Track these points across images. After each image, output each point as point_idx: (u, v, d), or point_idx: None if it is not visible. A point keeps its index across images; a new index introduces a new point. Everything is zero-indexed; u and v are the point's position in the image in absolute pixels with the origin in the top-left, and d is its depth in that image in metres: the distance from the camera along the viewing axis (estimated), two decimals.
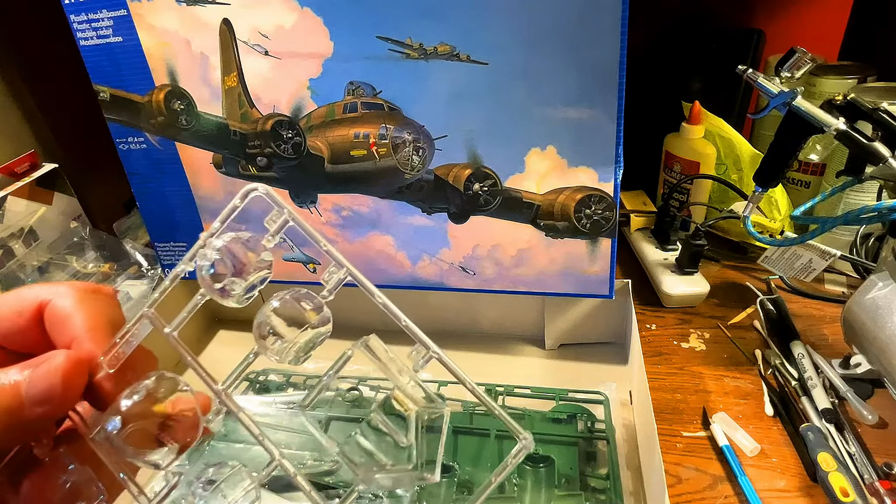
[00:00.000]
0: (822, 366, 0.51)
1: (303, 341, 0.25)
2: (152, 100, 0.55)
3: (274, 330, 0.24)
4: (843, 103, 0.47)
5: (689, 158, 0.69)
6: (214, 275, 0.24)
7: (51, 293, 0.25)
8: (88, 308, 0.25)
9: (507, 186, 0.53)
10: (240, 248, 0.25)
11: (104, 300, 0.26)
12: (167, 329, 0.26)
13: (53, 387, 0.22)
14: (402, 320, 0.24)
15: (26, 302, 0.24)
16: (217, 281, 0.24)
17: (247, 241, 0.25)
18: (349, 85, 0.51)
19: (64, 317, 0.24)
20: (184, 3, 0.51)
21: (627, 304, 0.58)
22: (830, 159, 0.67)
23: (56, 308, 0.24)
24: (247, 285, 0.25)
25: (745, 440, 0.47)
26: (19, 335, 0.24)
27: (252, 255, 0.25)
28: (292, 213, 0.25)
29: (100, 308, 0.25)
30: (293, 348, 0.25)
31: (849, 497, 0.39)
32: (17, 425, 0.22)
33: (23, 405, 0.22)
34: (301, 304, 0.25)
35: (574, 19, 0.45)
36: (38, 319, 0.24)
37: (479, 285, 0.58)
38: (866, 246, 0.63)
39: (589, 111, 0.48)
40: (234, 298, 0.25)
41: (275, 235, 0.25)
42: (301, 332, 0.25)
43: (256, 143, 0.56)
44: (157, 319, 0.26)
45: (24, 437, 0.23)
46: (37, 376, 0.22)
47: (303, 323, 0.25)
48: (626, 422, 0.53)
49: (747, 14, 0.79)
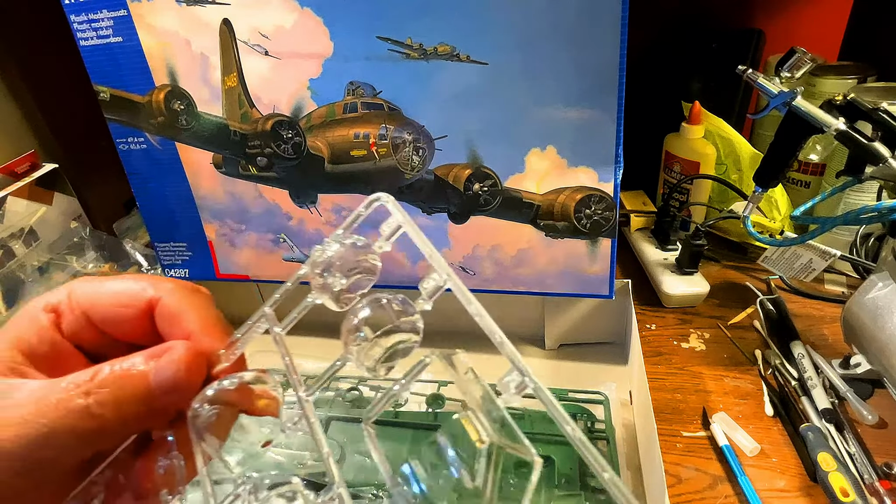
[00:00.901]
0: (822, 366, 0.51)
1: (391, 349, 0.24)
2: (152, 100, 0.55)
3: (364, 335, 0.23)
4: (843, 103, 0.47)
5: (689, 158, 0.69)
6: (326, 278, 0.24)
7: (160, 290, 0.25)
8: (199, 306, 0.26)
9: (507, 186, 0.53)
10: (352, 253, 0.25)
11: (207, 299, 0.27)
12: (277, 329, 0.26)
13: (179, 376, 0.23)
14: (496, 335, 0.22)
15: (135, 295, 0.25)
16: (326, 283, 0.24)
17: (360, 247, 0.25)
18: (349, 85, 0.51)
19: (177, 313, 0.25)
20: (184, 3, 0.51)
21: (627, 304, 0.58)
22: (830, 159, 0.67)
23: (169, 305, 0.25)
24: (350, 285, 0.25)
25: (745, 440, 0.47)
26: (125, 325, 0.25)
27: (363, 259, 0.25)
28: (407, 221, 0.25)
29: (207, 306, 0.26)
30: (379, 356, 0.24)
31: (849, 497, 0.39)
32: (147, 413, 0.23)
33: (153, 394, 0.22)
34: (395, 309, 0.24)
35: (574, 19, 0.45)
36: (147, 313, 0.25)
37: (479, 285, 0.58)
38: (866, 246, 0.63)
39: (589, 111, 0.48)
40: (341, 301, 0.25)
41: (388, 240, 0.25)
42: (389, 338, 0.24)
43: (256, 143, 0.55)
44: (273, 318, 0.26)
45: (150, 424, 0.24)
46: (163, 366, 0.23)
47: (394, 330, 0.24)
48: (626, 422, 0.53)
49: (747, 14, 0.79)
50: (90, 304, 0.25)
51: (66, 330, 0.25)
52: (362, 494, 0.45)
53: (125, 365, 0.23)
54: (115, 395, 0.22)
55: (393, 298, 0.24)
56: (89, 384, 0.22)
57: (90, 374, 0.22)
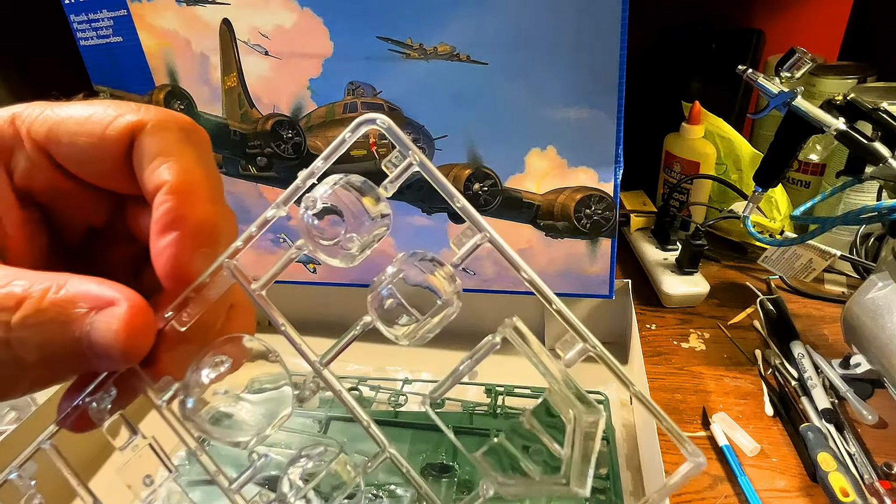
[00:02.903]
0: (822, 366, 0.51)
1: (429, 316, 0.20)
2: (152, 100, 0.55)
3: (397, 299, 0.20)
4: (843, 103, 0.47)
5: (689, 158, 0.69)
6: (320, 225, 0.19)
7: (144, 116, 0.20)
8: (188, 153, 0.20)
9: (507, 186, 0.53)
10: (352, 196, 0.19)
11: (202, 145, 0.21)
12: (253, 286, 0.20)
13: (115, 346, 0.18)
14: (553, 303, 0.20)
15: (111, 124, 0.19)
16: (323, 232, 0.19)
17: (360, 187, 0.20)
18: (349, 85, 0.51)
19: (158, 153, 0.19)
20: (184, 3, 0.51)
21: (627, 304, 0.58)
22: (830, 159, 0.67)
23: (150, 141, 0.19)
24: (363, 242, 0.20)
25: (745, 440, 0.47)
26: (96, 163, 0.20)
27: (368, 203, 0.20)
28: (420, 157, 0.19)
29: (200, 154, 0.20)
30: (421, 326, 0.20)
31: (849, 497, 0.39)
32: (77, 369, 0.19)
33: (84, 355, 0.18)
34: (430, 270, 0.20)
35: (574, 19, 0.45)
36: (126, 146, 0.20)
37: (479, 285, 0.58)
38: (866, 246, 0.63)
39: (589, 111, 0.48)
40: (345, 257, 0.20)
41: (394, 182, 0.20)
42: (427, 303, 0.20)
43: (256, 143, 0.55)
44: (240, 273, 0.20)
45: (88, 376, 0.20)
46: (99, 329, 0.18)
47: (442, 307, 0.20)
48: (626, 422, 0.52)
49: (747, 14, 0.79)
50: (48, 134, 0.19)
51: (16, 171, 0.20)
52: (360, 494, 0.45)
53: (62, 296, 0.17)
54: (40, 341, 0.17)
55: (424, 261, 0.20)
56: (12, 315, 0.17)
57: (15, 299, 0.17)
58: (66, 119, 0.19)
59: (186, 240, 0.19)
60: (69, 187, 0.21)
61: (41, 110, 0.20)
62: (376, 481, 0.46)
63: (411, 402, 0.54)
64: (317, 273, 0.61)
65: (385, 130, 0.19)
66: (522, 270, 0.20)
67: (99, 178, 0.20)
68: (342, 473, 0.22)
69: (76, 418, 0.20)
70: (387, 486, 0.45)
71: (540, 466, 0.21)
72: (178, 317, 0.20)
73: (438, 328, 0.20)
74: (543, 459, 0.21)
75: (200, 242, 0.19)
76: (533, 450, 0.21)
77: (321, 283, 0.61)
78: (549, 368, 0.21)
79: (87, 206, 0.22)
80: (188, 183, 0.19)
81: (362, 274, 0.59)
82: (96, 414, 0.20)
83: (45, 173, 0.20)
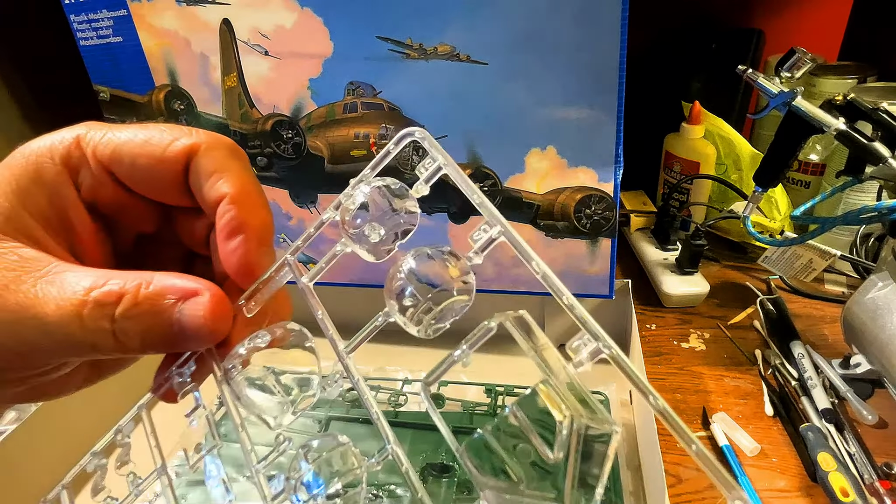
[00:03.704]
0: (822, 366, 0.51)
1: (441, 307, 0.21)
2: (152, 100, 0.55)
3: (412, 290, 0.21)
4: (843, 103, 0.47)
5: (689, 158, 0.69)
6: (359, 224, 0.22)
7: (198, 139, 0.22)
8: (238, 168, 0.22)
9: (507, 186, 0.53)
10: (385, 197, 0.22)
11: (246, 161, 0.23)
12: (304, 279, 0.24)
13: (203, 328, 0.21)
14: (564, 297, 0.20)
15: (169, 146, 0.22)
16: (360, 229, 0.22)
17: (395, 189, 0.22)
18: (349, 85, 0.51)
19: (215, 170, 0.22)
20: (184, 3, 0.51)
21: (627, 304, 0.58)
22: (830, 159, 0.67)
23: (207, 160, 0.22)
24: (389, 236, 0.22)
25: (745, 440, 0.47)
26: (155, 181, 0.22)
27: (399, 203, 0.22)
28: (448, 161, 0.22)
29: (247, 168, 0.23)
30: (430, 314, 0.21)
31: (849, 497, 0.39)
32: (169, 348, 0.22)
33: (176, 338, 0.21)
34: (445, 263, 0.21)
35: (574, 19, 0.45)
36: (183, 167, 0.22)
37: (479, 285, 0.57)
38: (866, 246, 0.63)
39: (589, 111, 0.48)
40: (376, 252, 0.22)
41: (427, 183, 0.22)
42: (441, 295, 0.21)
43: (256, 143, 0.55)
44: (297, 268, 0.23)
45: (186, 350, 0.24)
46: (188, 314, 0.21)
47: (445, 285, 0.21)
48: (626, 422, 0.52)
49: (747, 14, 0.79)
50: (112, 156, 0.22)
51: (83, 187, 0.22)
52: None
53: (153, 290, 0.20)
54: (141, 329, 0.20)
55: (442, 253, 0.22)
56: (115, 308, 0.20)
57: (115, 296, 0.20)
58: (128, 142, 0.22)
59: (252, 241, 0.22)
60: (128, 201, 0.23)
61: (104, 132, 0.22)
62: (376, 481, 0.46)
63: (411, 401, 0.54)
64: None
65: (423, 143, 0.22)
66: (534, 262, 0.21)
67: (157, 194, 0.23)
68: (350, 457, 0.22)
69: (166, 390, 0.24)
70: (387, 486, 0.45)
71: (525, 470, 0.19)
72: (248, 305, 0.23)
73: (452, 320, 0.22)
74: (531, 461, 0.19)
75: (263, 242, 0.23)
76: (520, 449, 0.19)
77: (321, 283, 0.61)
78: (546, 361, 0.20)
79: (141, 216, 0.24)
80: (246, 193, 0.22)
81: (363, 274, 0.59)
82: (179, 386, 0.23)
83: (108, 189, 0.23)
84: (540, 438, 0.19)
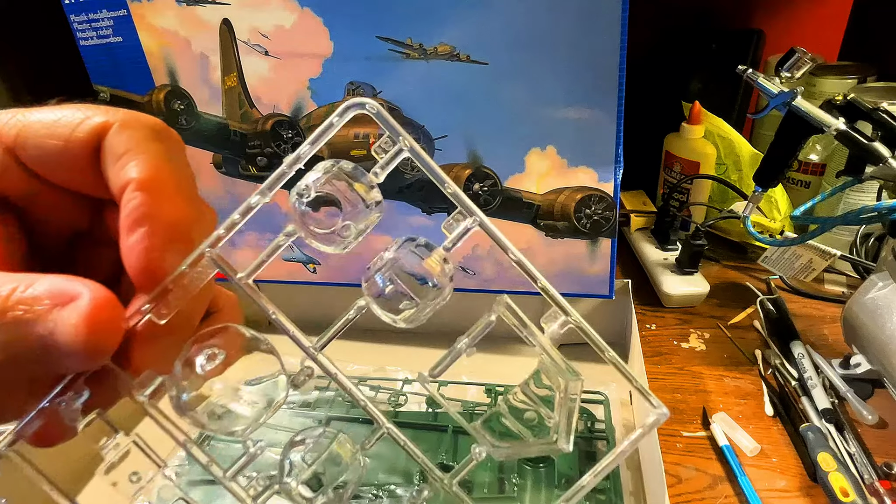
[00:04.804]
0: (822, 366, 0.51)
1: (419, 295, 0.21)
2: (152, 100, 0.55)
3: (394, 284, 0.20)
4: (843, 103, 0.47)
5: (689, 158, 0.69)
6: (313, 212, 0.19)
7: (111, 118, 0.19)
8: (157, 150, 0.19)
9: (507, 186, 0.53)
10: (343, 181, 0.19)
11: (173, 147, 0.20)
12: (239, 275, 0.20)
13: (77, 342, 0.17)
14: (538, 281, 0.21)
15: (78, 126, 0.19)
16: (318, 221, 0.19)
17: (351, 173, 0.20)
18: (349, 85, 0.51)
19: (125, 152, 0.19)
20: (184, 3, 0.51)
21: (627, 304, 0.58)
22: (830, 159, 0.67)
23: (117, 140, 0.19)
24: (358, 230, 0.20)
25: (745, 440, 0.47)
26: (63, 166, 0.19)
27: (361, 189, 0.19)
28: (410, 143, 0.20)
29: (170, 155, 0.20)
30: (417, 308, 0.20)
31: (849, 497, 0.39)
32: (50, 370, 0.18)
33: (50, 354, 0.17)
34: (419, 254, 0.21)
35: (574, 19, 0.45)
36: (94, 149, 0.19)
37: (479, 285, 0.58)
38: (866, 246, 0.63)
39: (589, 111, 0.48)
40: (339, 243, 0.20)
41: (385, 167, 0.20)
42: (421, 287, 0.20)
43: (256, 143, 0.56)
44: (224, 262, 0.20)
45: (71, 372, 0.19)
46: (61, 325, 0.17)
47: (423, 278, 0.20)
48: (626, 422, 0.52)
49: (747, 14, 0.79)
50: (17, 137, 0.19)
51: None
52: (362, 494, 0.45)
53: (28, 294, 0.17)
54: (3, 340, 0.16)
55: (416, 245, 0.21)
56: None
57: None
58: (35, 123, 0.19)
59: (157, 236, 0.18)
60: (41, 191, 0.20)
61: (11, 115, 0.20)
62: (376, 481, 0.46)
63: (411, 401, 0.54)
64: (317, 273, 0.61)
65: (374, 115, 0.19)
66: (510, 251, 0.21)
67: (68, 181, 0.20)
68: (343, 453, 0.22)
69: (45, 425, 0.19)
70: (387, 486, 0.45)
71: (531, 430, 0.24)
72: (157, 309, 0.19)
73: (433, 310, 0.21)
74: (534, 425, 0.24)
75: (172, 238, 0.19)
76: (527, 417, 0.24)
77: (321, 283, 0.61)
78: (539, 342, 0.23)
79: (64, 211, 0.21)
80: (156, 179, 0.19)
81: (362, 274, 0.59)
82: (68, 415, 0.18)
83: (15, 176, 0.20)
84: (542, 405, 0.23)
